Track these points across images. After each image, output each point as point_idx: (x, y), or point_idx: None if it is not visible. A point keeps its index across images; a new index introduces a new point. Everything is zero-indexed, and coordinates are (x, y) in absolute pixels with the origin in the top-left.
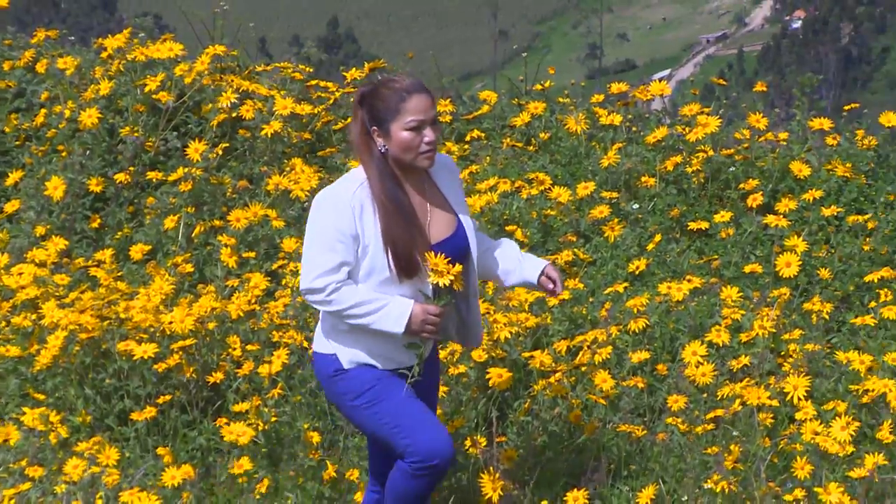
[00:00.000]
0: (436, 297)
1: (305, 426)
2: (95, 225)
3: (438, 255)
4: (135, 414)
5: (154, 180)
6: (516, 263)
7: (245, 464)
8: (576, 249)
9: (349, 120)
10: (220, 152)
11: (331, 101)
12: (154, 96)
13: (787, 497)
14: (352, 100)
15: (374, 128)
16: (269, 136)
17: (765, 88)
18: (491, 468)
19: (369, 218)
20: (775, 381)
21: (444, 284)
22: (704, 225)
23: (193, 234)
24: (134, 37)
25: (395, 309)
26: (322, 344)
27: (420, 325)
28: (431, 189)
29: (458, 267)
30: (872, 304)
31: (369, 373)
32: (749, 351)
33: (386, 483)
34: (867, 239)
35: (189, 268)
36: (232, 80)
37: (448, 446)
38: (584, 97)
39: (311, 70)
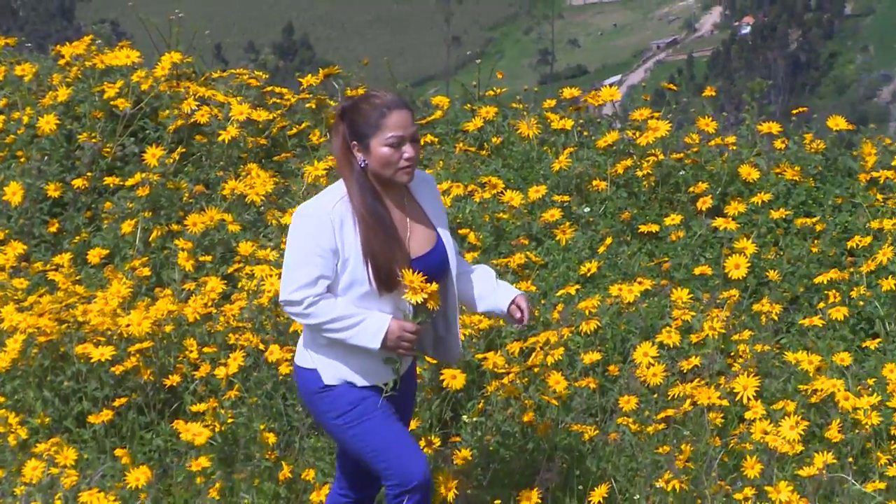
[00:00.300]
0: (414, 315)
1: (261, 427)
2: (54, 229)
3: (415, 273)
4: (93, 416)
5: (112, 185)
6: (491, 290)
7: (203, 461)
8: (528, 252)
9: (304, 125)
10: (177, 158)
11: (286, 107)
12: (112, 103)
13: (738, 495)
14: (331, 112)
15: (355, 143)
16: (226, 141)
17: (714, 93)
18: (445, 468)
19: (349, 232)
20: (725, 382)
21: (418, 302)
22: (655, 228)
23: (150, 239)
24: (92, 44)
25: (371, 324)
26: (303, 358)
27: (396, 342)
28: (411, 204)
29: (434, 286)
30: (821, 305)
31: (353, 393)
32: (699, 352)
33: None
34: (815, 241)
35: (146, 271)
36: (188, 87)
37: (422, 468)
38: (536, 102)
39: (267, 76)
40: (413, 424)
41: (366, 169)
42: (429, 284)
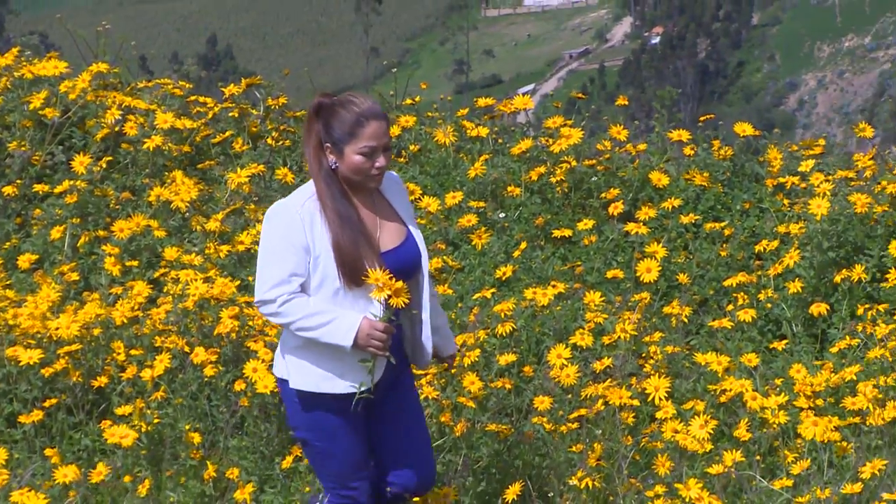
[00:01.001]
0: (383, 312)
1: (187, 427)
2: None
3: (382, 270)
4: (22, 417)
5: (41, 193)
6: (447, 329)
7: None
8: (445, 257)
9: (227, 134)
10: (104, 165)
11: (210, 116)
12: (40, 112)
13: (649, 493)
14: (302, 112)
15: (328, 144)
16: (151, 149)
17: (626, 102)
18: None
19: (319, 229)
20: (637, 382)
21: (382, 299)
22: (568, 233)
23: (79, 244)
24: (21, 55)
25: (343, 323)
26: (279, 366)
27: (366, 340)
28: (381, 202)
29: (399, 283)
30: (730, 307)
31: (329, 415)
32: (611, 353)
33: None
34: (724, 245)
35: (75, 276)
36: (115, 97)
37: (365, 492)
38: (451, 111)
39: (191, 86)
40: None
41: (336, 170)
42: (394, 281)
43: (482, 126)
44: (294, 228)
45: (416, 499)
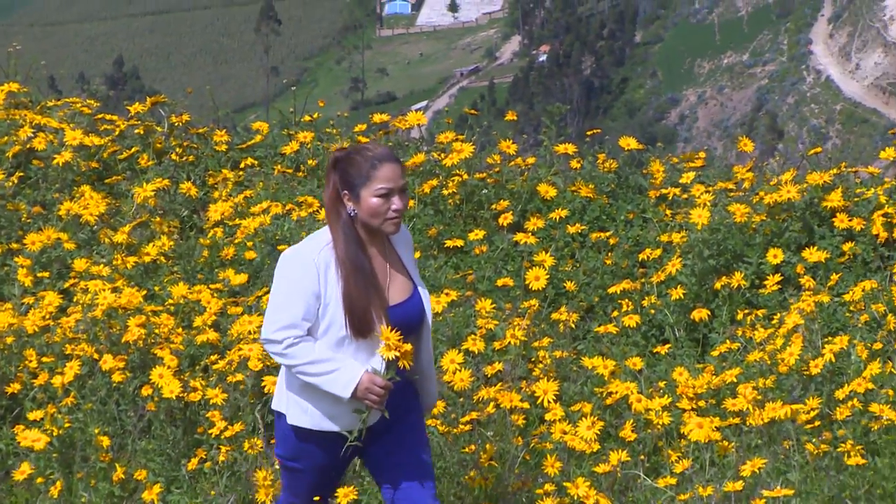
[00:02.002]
0: (385, 370)
1: (96, 431)
2: None
3: (392, 330)
4: None
5: None
6: (433, 381)
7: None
8: None
9: (133, 150)
10: (16, 181)
11: (116, 133)
12: None
13: (539, 491)
14: (327, 163)
15: (345, 192)
16: (61, 165)
17: (514, 117)
18: (265, 469)
19: (332, 277)
20: (527, 385)
21: (390, 359)
22: (460, 243)
23: None
24: None
25: (344, 374)
26: (278, 400)
27: (364, 394)
28: (392, 255)
29: (408, 346)
30: (615, 313)
31: (315, 452)
32: (502, 358)
33: None
34: (609, 254)
35: None
36: (25, 115)
37: None
38: (348, 127)
39: (98, 105)
40: (238, 427)
41: (354, 218)
42: (403, 343)
43: (377, 141)
44: (308, 275)
45: None
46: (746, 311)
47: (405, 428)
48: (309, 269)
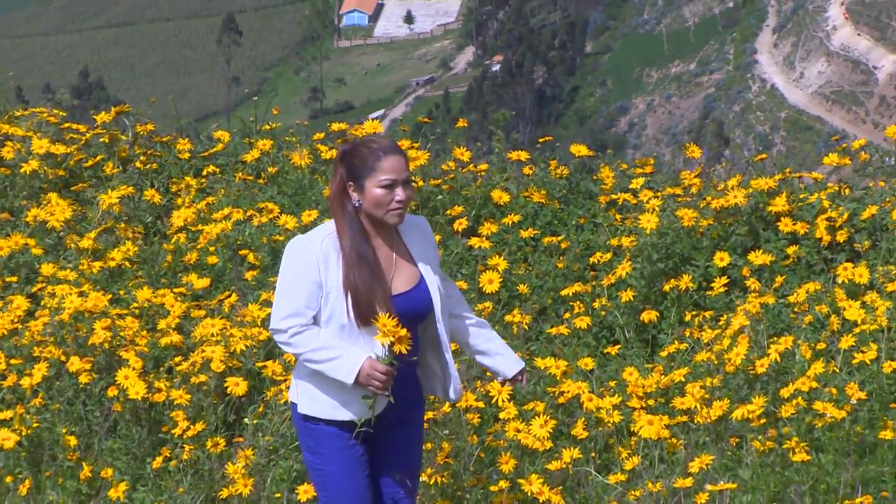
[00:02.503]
0: (386, 356)
1: (64, 431)
2: None
3: (396, 310)
4: None
5: None
6: (497, 352)
7: None
8: None
9: (99, 158)
10: None
11: (82, 142)
12: None
13: (493, 488)
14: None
15: (351, 183)
16: (28, 173)
17: (465, 124)
18: (231, 465)
19: (333, 267)
20: (481, 385)
21: (385, 344)
22: None
23: None
24: None
25: (347, 361)
26: (292, 391)
27: (367, 379)
28: (399, 245)
29: (403, 330)
30: (567, 315)
31: (329, 437)
32: (457, 359)
33: None
34: (561, 257)
35: None
36: None
37: None
38: (307, 135)
39: (64, 114)
40: (200, 426)
41: (359, 209)
42: (400, 329)
43: (335, 149)
44: (309, 264)
45: None
46: (694, 313)
47: (408, 421)
48: (310, 258)
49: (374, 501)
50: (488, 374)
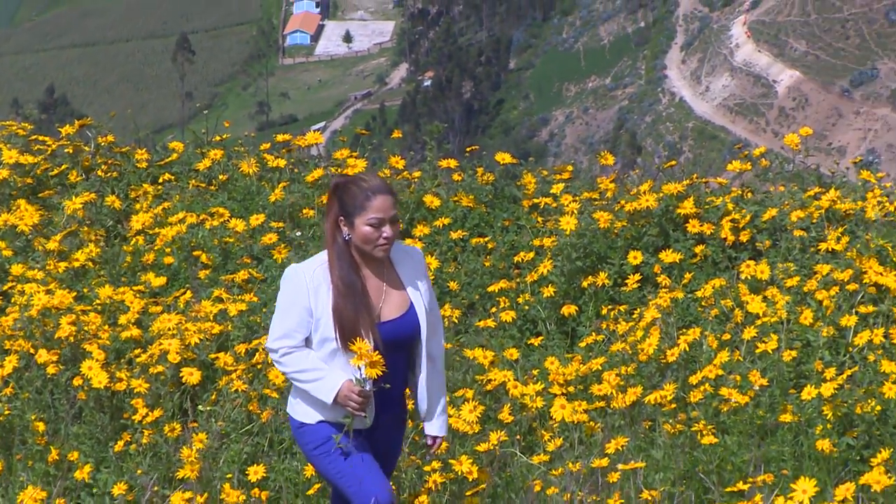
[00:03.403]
0: (362, 379)
1: (33, 417)
2: None
3: (372, 340)
4: None
5: None
6: (430, 413)
7: None
8: (250, 270)
9: (63, 167)
10: None
11: (48, 152)
12: None
13: (427, 468)
14: (329, 187)
15: (342, 218)
16: None
17: (400, 135)
18: (186, 448)
19: (323, 295)
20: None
21: (359, 367)
22: None
23: None
24: None
25: (328, 382)
26: (290, 406)
27: (344, 400)
28: (390, 274)
29: (376, 355)
30: (493, 309)
31: (326, 429)
32: None
33: None
34: (488, 257)
35: None
36: None
37: (384, 492)
38: (254, 146)
39: (32, 127)
40: (158, 413)
41: (349, 242)
42: (374, 353)
43: (281, 158)
44: (300, 292)
45: None
46: (610, 307)
47: (390, 437)
48: (301, 287)
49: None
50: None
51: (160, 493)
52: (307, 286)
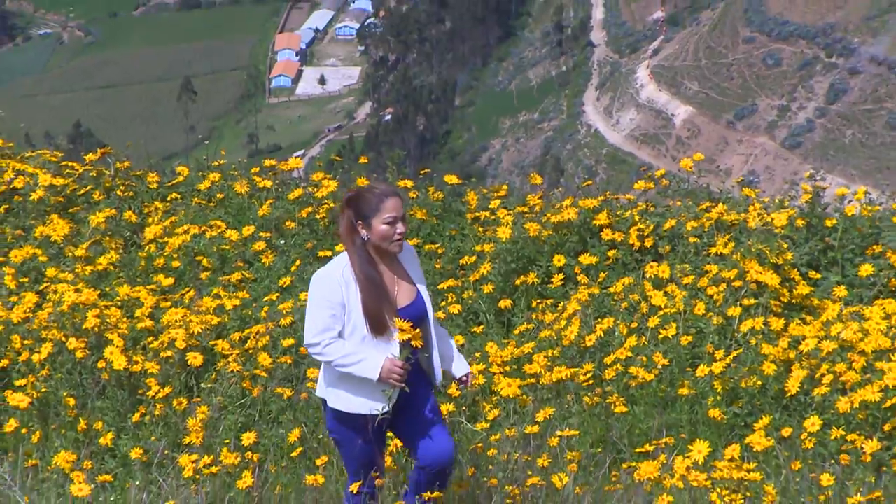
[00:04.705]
0: (400, 352)
1: (64, 394)
2: None
3: (404, 320)
4: None
5: None
6: (451, 358)
7: (13, 423)
8: (243, 272)
9: (88, 188)
10: (2, 211)
11: (76, 175)
12: None
13: (390, 433)
14: (336, 203)
15: (359, 222)
16: (35, 199)
17: (366, 160)
18: (191, 419)
19: (353, 290)
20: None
21: (403, 340)
22: (329, 253)
23: None
24: None
25: (371, 362)
26: (320, 389)
27: (388, 374)
28: (399, 268)
29: (417, 331)
30: (443, 303)
31: (351, 423)
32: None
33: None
34: (438, 260)
35: None
36: (9, 163)
37: (371, 482)
38: (245, 169)
39: (62, 155)
40: (168, 389)
41: (366, 242)
42: (414, 329)
43: (267, 180)
44: (334, 290)
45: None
46: (539, 301)
47: (419, 402)
48: (334, 285)
49: (381, 467)
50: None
51: (170, 455)
52: (339, 284)
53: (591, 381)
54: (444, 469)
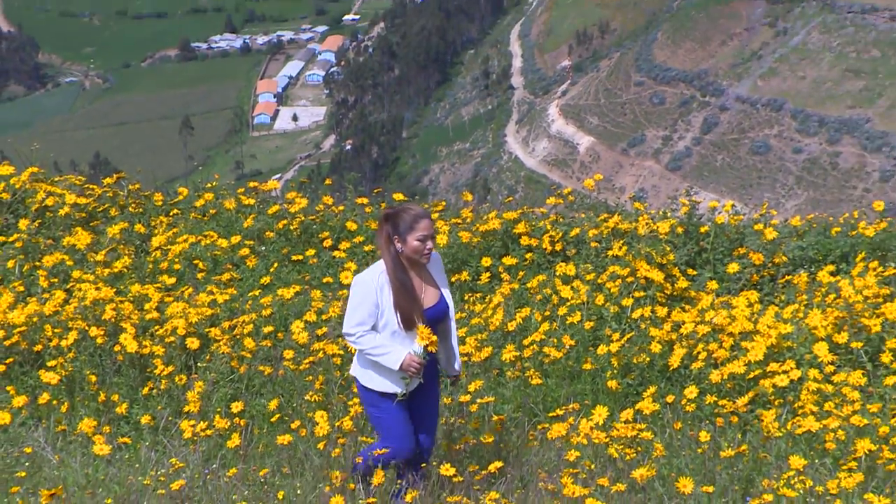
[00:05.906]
0: (422, 353)
1: (87, 372)
2: None
3: (427, 318)
4: None
5: (3, 240)
6: (450, 355)
7: (46, 396)
8: (232, 272)
9: (105, 205)
10: (37, 225)
11: (97, 196)
12: None
13: (351, 403)
14: (379, 219)
15: (396, 236)
16: (63, 215)
17: (330, 182)
18: (190, 391)
19: (386, 293)
20: (341, 340)
21: (423, 345)
22: (300, 257)
23: (24, 269)
24: None
25: (394, 355)
26: (354, 369)
27: (407, 367)
28: (426, 274)
29: (434, 337)
30: None
31: (384, 401)
32: (327, 324)
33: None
34: None
35: (21, 288)
36: (42, 185)
37: (407, 446)
38: (234, 190)
39: (85, 179)
40: (171, 368)
41: (400, 253)
42: (433, 335)
43: (251, 198)
44: (370, 292)
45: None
46: (470, 294)
47: (431, 392)
48: (370, 288)
49: (406, 438)
50: None
51: (173, 421)
52: (375, 287)
53: (513, 357)
54: (401, 458)
